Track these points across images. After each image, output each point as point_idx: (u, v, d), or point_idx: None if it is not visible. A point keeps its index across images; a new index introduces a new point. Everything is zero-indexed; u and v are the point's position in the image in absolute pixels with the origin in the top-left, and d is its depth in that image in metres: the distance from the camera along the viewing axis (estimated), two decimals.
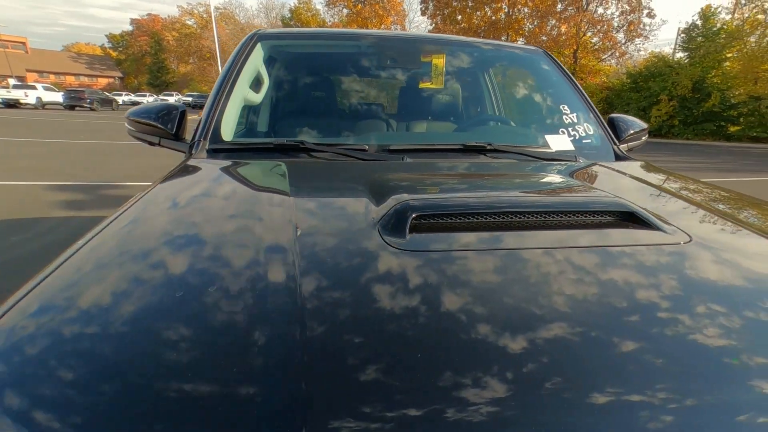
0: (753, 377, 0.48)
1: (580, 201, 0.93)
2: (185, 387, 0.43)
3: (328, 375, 0.45)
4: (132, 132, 1.64)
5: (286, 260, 0.65)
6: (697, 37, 20.64)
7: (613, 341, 0.52)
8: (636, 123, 1.82)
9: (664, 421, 0.41)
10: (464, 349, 0.49)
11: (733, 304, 0.60)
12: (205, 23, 49.45)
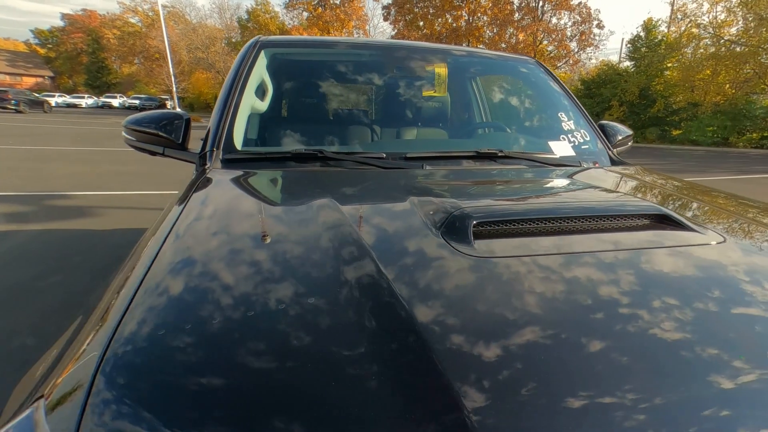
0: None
1: (618, 205, 0.99)
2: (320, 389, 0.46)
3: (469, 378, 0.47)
4: (131, 141, 1.57)
5: (370, 268, 0.66)
6: (642, 47, 22.33)
7: (688, 326, 0.57)
8: (623, 130, 1.97)
9: (741, 401, 0.47)
10: (582, 349, 0.53)
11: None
12: (152, 22, 46.88)
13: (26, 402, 0.51)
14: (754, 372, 0.50)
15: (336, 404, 0.44)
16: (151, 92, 49.51)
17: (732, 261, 0.76)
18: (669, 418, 0.44)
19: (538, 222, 0.85)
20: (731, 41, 19.22)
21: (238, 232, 0.86)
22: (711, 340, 0.55)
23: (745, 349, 0.54)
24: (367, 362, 0.49)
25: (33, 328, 2.49)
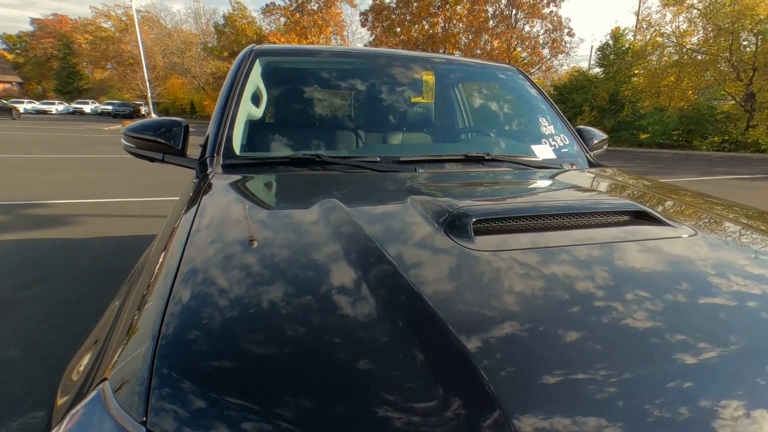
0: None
1: (601, 203, 1.10)
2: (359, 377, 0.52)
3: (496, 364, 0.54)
4: (130, 149, 1.61)
5: (387, 263, 0.73)
6: (610, 54, 23.21)
7: (672, 310, 0.67)
8: (599, 134, 2.10)
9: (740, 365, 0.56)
10: (587, 333, 0.61)
11: (738, 278, 0.78)
12: (125, 27, 45.79)
13: (86, 386, 0.59)
14: (716, 349, 0.58)
15: (368, 371, 0.53)
16: (125, 98, 48.25)
17: (702, 251, 0.87)
18: (647, 381, 0.52)
19: (531, 219, 0.94)
20: (693, 50, 20.22)
21: (254, 230, 0.93)
22: (690, 317, 0.66)
23: (717, 325, 0.64)
24: (391, 341, 0.57)
25: (19, 339, 2.50)
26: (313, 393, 0.50)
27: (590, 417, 0.48)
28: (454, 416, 0.47)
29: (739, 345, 0.60)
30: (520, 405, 0.48)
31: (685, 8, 19.85)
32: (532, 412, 0.47)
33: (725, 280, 0.77)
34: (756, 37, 17.80)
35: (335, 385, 0.51)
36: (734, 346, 0.60)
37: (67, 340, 2.51)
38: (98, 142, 15.48)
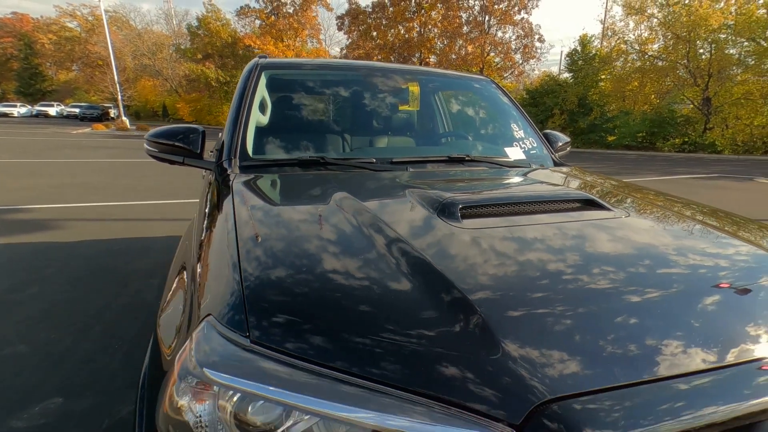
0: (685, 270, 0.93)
1: (560, 193, 1.41)
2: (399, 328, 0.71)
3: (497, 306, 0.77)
4: (153, 153, 1.77)
5: (397, 237, 0.97)
6: (578, 60, 24.18)
7: (603, 264, 0.93)
8: (563, 137, 2.39)
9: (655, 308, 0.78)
10: (546, 282, 0.84)
11: (656, 243, 1.06)
12: (91, 27, 44.28)
13: (191, 326, 0.76)
14: (652, 289, 0.83)
15: (386, 294, 0.78)
16: (92, 100, 46.59)
17: (631, 227, 1.15)
18: (594, 313, 0.75)
19: (504, 206, 1.19)
20: (654, 56, 21.34)
21: (286, 210, 1.20)
22: (619, 268, 0.91)
23: (643, 273, 0.89)
24: (403, 284, 0.81)
25: (23, 335, 2.55)
26: (356, 311, 0.74)
27: (549, 332, 0.70)
28: (453, 325, 0.70)
29: (653, 283, 0.87)
30: (499, 317, 0.72)
31: (646, 17, 20.96)
32: (510, 326, 0.70)
33: (647, 245, 1.04)
34: (710, 45, 18.98)
35: (371, 308, 0.75)
36: (650, 286, 0.86)
37: (71, 337, 2.58)
38: (67, 146, 15.03)
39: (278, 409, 0.61)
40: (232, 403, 0.62)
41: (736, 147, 18.14)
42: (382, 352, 0.65)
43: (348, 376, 0.61)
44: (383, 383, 0.61)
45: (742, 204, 7.32)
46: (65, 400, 2.02)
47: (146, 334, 2.56)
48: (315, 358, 0.63)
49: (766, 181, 10.12)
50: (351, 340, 0.67)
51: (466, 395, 0.60)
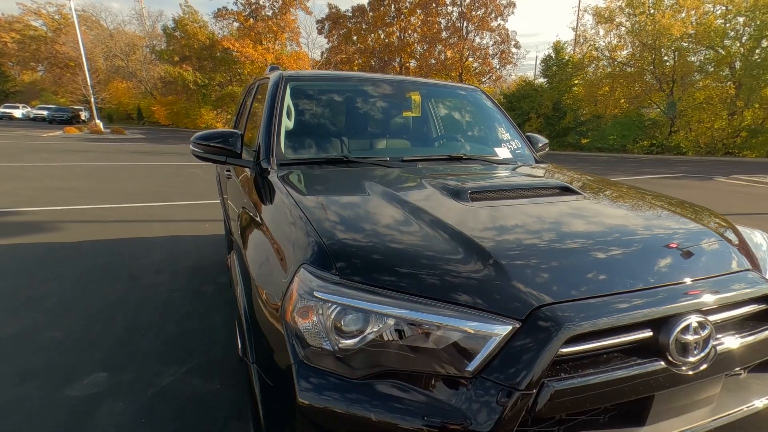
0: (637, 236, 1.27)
1: (543, 182, 1.79)
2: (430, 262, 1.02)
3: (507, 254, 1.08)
4: (198, 153, 2.00)
5: (424, 210, 1.30)
6: (552, 66, 25.13)
7: (575, 229, 1.25)
8: (542, 139, 2.79)
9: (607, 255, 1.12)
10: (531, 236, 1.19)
11: (611, 214, 1.45)
12: (58, 26, 42.90)
13: (288, 273, 1.05)
14: (608, 238, 1.18)
15: (422, 241, 1.09)
16: (60, 102, 45.04)
17: (594, 205, 1.52)
18: (571, 250, 1.09)
19: (499, 191, 1.55)
20: (623, 63, 22.42)
21: (332, 193, 1.54)
22: (584, 228, 1.24)
23: (602, 229, 1.24)
24: (432, 237, 1.11)
25: (53, 323, 2.73)
26: (402, 252, 1.06)
27: (536, 266, 1.02)
28: (475, 266, 1.00)
29: (611, 236, 1.22)
30: (507, 255, 1.04)
31: (615, 26, 22.03)
32: (521, 264, 1.01)
33: (603, 214, 1.46)
34: (673, 53, 20.13)
35: (412, 249, 1.08)
36: (607, 236, 1.22)
37: (99, 324, 2.78)
38: (41, 150, 14.68)
39: (361, 316, 0.91)
40: (332, 314, 0.91)
41: (699, 149, 19.28)
42: (425, 276, 0.96)
43: (402, 294, 0.93)
44: (428, 297, 0.92)
45: (700, 200, 7.95)
46: (110, 374, 2.24)
47: (167, 321, 2.78)
48: (380, 283, 0.94)
49: (723, 180, 10.93)
50: (401, 270, 0.98)
51: (490, 303, 0.91)
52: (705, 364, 0.96)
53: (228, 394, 2.13)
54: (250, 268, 1.29)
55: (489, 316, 0.89)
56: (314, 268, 0.98)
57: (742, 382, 1.11)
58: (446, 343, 0.88)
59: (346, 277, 0.95)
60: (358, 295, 0.91)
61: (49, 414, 1.94)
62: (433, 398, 0.87)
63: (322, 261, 0.99)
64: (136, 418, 1.93)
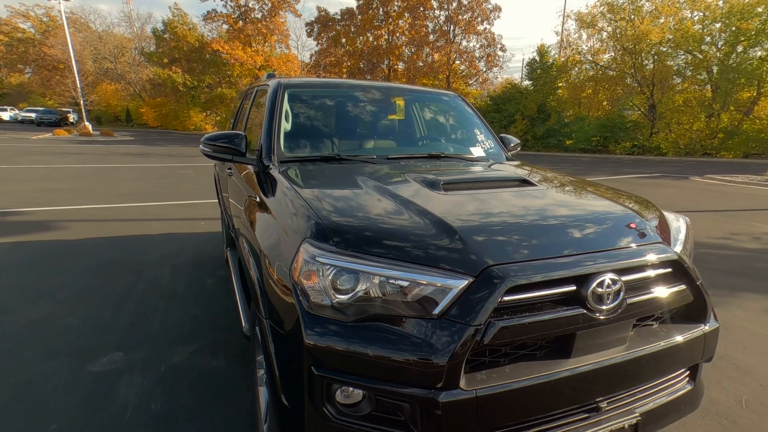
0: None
1: (505, 176, 2.10)
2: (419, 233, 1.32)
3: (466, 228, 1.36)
4: (207, 152, 2.29)
5: (404, 197, 1.60)
6: (537, 69, 25.69)
7: (523, 211, 1.57)
8: (514, 140, 3.13)
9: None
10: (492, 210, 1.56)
11: (557, 199, 1.74)
12: (46, 28, 42.43)
13: (291, 246, 1.33)
14: (549, 213, 1.51)
15: (420, 233, 1.32)
16: (47, 104, 44.51)
17: (545, 193, 1.80)
18: (526, 225, 1.41)
19: (470, 183, 1.87)
20: (605, 66, 23.06)
21: (327, 183, 1.84)
22: (538, 206, 1.56)
23: (546, 208, 1.55)
24: (412, 217, 1.40)
25: (68, 312, 2.96)
26: (385, 226, 1.36)
27: (488, 237, 1.32)
28: (442, 237, 1.29)
29: (551, 216, 1.51)
30: (467, 228, 1.32)
31: (597, 30, 22.65)
32: (477, 235, 1.31)
33: (551, 198, 1.74)
34: (653, 57, 20.80)
35: (393, 224, 1.37)
36: (549, 212, 1.54)
37: (109, 311, 3.01)
38: (32, 153, 14.67)
39: (353, 277, 1.19)
40: (330, 275, 1.20)
41: (679, 150, 19.93)
42: (402, 246, 1.26)
43: (385, 259, 1.22)
44: (405, 261, 1.21)
45: (675, 197, 8.40)
46: (125, 354, 2.49)
47: (172, 308, 3.02)
48: (368, 252, 1.23)
49: (698, 179, 11.44)
50: (384, 242, 1.27)
51: (452, 264, 1.21)
52: (617, 311, 1.26)
53: (233, 369, 2.39)
54: (260, 244, 1.56)
55: (450, 273, 1.18)
56: (315, 241, 1.26)
57: (653, 331, 1.41)
58: (418, 294, 1.17)
59: (341, 247, 1.23)
60: (351, 260, 1.19)
61: (77, 385, 2.19)
62: (408, 335, 1.15)
63: (322, 235, 1.27)
64: (153, 389, 2.18)
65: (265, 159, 2.15)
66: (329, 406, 1.16)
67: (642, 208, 1.70)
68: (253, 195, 2.00)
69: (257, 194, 1.94)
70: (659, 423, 1.43)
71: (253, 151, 2.30)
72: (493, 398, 1.12)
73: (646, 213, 1.65)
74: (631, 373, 1.31)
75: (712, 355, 1.51)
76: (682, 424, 2.01)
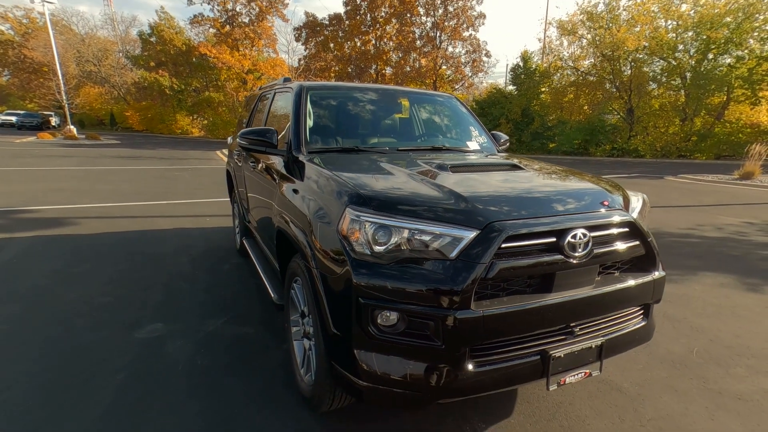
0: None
1: (501, 162, 2.50)
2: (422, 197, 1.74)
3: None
4: (244, 145, 2.67)
5: (419, 174, 2.03)
6: (521, 74, 26.48)
7: (516, 185, 2.00)
8: (504, 137, 3.56)
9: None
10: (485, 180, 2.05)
11: (542, 180, 2.16)
12: (26, 30, 41.72)
13: (337, 211, 1.71)
14: (536, 188, 1.94)
15: (434, 198, 1.73)
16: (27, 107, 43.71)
17: (532, 173, 2.21)
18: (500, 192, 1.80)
19: (472, 166, 2.27)
20: (585, 72, 23.94)
21: (354, 164, 2.23)
22: (526, 184, 1.97)
23: (534, 185, 1.96)
24: (429, 188, 1.81)
25: (103, 293, 3.25)
26: (409, 196, 1.75)
27: (490, 202, 1.71)
28: (455, 202, 1.68)
29: (538, 188, 1.95)
30: (472, 197, 1.72)
31: (577, 38, 23.53)
32: (481, 200, 1.70)
33: (537, 179, 2.14)
34: (630, 63, 21.73)
35: (416, 194, 1.77)
36: (535, 187, 1.96)
37: (140, 292, 3.31)
38: (21, 156, 14.62)
39: (388, 231, 1.57)
40: (370, 231, 1.57)
41: (656, 152, 20.82)
42: (426, 208, 1.64)
43: (413, 218, 1.59)
44: (428, 219, 1.59)
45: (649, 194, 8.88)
46: (164, 324, 2.81)
47: (197, 289, 3.34)
48: (399, 212, 1.60)
49: (672, 179, 12.15)
50: (411, 207, 1.64)
51: (464, 221, 1.59)
52: (586, 258, 1.67)
53: (261, 335, 2.74)
54: (306, 213, 1.93)
55: (463, 228, 1.56)
56: (356, 206, 1.63)
57: (614, 277, 1.82)
58: (439, 243, 1.55)
59: (377, 209, 1.61)
60: (386, 219, 1.57)
61: (130, 347, 2.51)
62: (432, 271, 1.53)
63: (362, 201, 1.64)
64: (195, 350, 2.52)
65: (294, 150, 2.51)
66: (373, 327, 1.53)
67: (610, 187, 2.11)
68: (290, 178, 2.35)
69: (293, 178, 2.29)
70: (619, 348, 1.84)
71: (285, 143, 2.66)
72: (494, 317, 1.50)
73: (613, 190, 2.07)
74: (597, 305, 1.72)
75: (660, 297, 1.94)
76: (645, 367, 2.44)
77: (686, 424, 1.99)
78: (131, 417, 1.94)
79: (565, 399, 2.16)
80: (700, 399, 2.17)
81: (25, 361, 2.35)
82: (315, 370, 1.85)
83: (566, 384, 1.69)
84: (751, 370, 2.44)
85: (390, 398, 1.56)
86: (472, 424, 1.96)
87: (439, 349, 1.49)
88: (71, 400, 2.03)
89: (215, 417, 1.96)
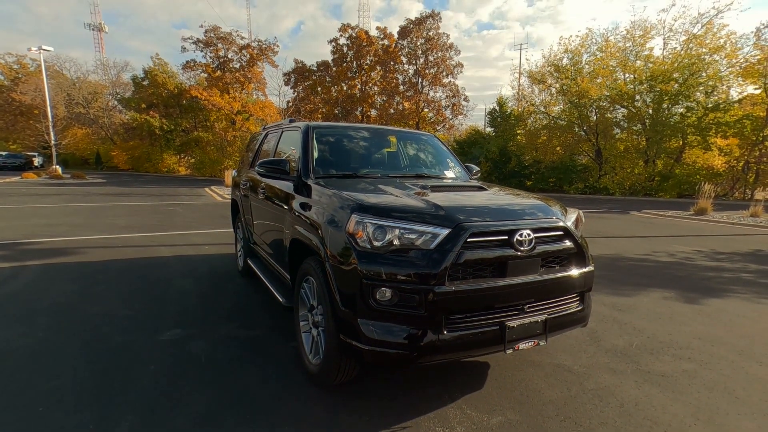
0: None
1: (469, 184, 3.19)
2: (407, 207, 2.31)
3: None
4: (262, 172, 3.22)
5: (405, 194, 2.61)
6: (497, 117, 28.22)
7: (481, 201, 2.63)
8: (476, 168, 4.24)
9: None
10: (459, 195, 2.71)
11: (504, 199, 2.78)
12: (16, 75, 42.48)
13: (343, 219, 2.25)
14: (497, 203, 2.53)
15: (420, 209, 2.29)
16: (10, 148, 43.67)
17: (496, 194, 2.86)
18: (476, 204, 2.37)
19: (447, 188, 2.93)
20: (556, 117, 25.74)
21: (351, 185, 2.78)
22: (489, 202, 2.51)
23: (495, 201, 2.55)
24: (412, 202, 2.35)
25: (123, 307, 3.63)
26: (397, 206, 2.31)
27: (460, 211, 2.27)
28: (434, 210, 2.25)
29: (497, 202, 2.54)
30: (447, 207, 2.27)
31: (546, 86, 25.50)
32: (453, 209, 2.27)
33: (496, 196, 2.78)
34: (595, 110, 23.57)
35: (403, 205, 2.34)
36: (496, 203, 2.51)
37: (156, 306, 3.71)
38: (8, 194, 14.81)
39: (384, 230, 2.12)
40: (371, 230, 2.12)
41: (624, 190, 22.18)
42: (413, 214, 2.19)
43: (403, 220, 2.14)
44: (414, 221, 2.15)
45: (615, 226, 9.77)
46: (183, 329, 3.21)
47: (206, 303, 3.75)
48: (392, 216, 2.15)
49: (636, 214, 13.12)
50: (401, 213, 2.19)
51: (440, 223, 2.15)
52: (531, 252, 2.23)
53: (269, 336, 3.17)
54: (318, 221, 2.45)
55: (439, 228, 2.12)
56: (359, 212, 2.17)
57: (554, 269, 2.38)
58: (422, 238, 2.09)
59: (375, 215, 2.15)
60: (383, 221, 2.12)
61: (156, 346, 2.92)
62: (415, 258, 2.07)
63: (363, 209, 2.18)
64: (214, 346, 2.94)
65: (304, 177, 3.06)
66: (372, 301, 2.04)
67: (552, 202, 2.72)
68: (302, 198, 2.87)
69: (304, 198, 2.83)
70: (561, 327, 2.38)
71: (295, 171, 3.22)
72: (463, 292, 2.04)
73: (555, 205, 2.67)
74: (540, 289, 2.27)
75: (591, 287, 2.51)
76: (592, 356, 2.96)
77: (618, 392, 2.49)
78: (171, 390, 2.34)
79: (525, 377, 2.65)
80: (633, 376, 2.69)
81: (68, 357, 2.72)
82: (323, 349, 2.32)
83: (520, 350, 2.20)
84: (675, 357, 2.99)
85: (384, 357, 2.04)
86: (450, 394, 2.42)
87: (422, 316, 2.00)
88: (118, 384, 2.42)
89: (242, 389, 2.38)
